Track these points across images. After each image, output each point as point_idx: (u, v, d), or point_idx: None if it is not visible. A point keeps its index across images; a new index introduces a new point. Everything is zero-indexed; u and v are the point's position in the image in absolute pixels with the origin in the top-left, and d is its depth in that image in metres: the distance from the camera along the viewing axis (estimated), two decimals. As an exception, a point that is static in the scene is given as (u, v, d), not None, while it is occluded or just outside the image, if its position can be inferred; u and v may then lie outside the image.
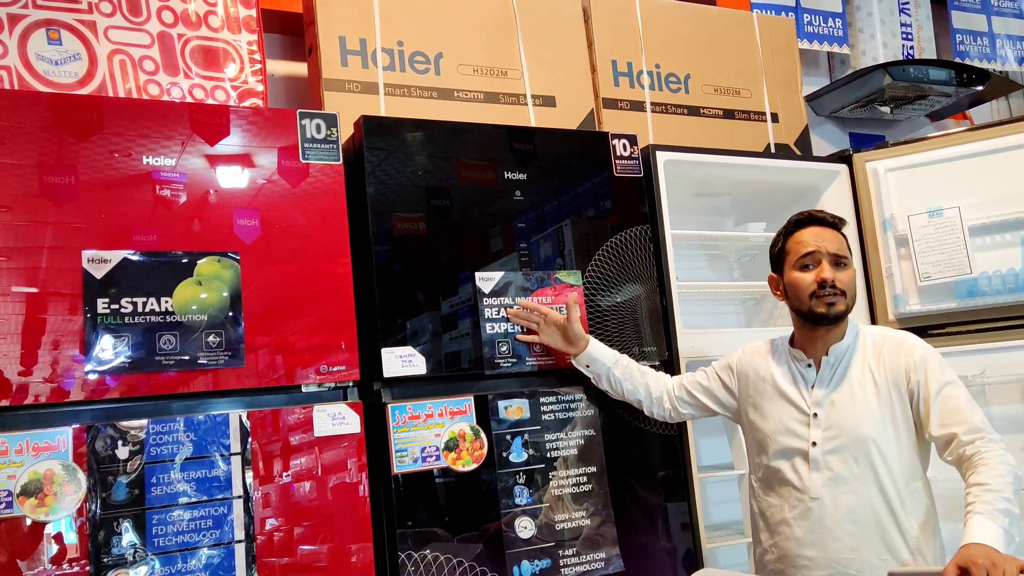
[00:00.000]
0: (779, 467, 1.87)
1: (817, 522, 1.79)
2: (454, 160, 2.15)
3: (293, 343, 1.90)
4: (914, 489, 1.79)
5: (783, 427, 1.87)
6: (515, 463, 2.08)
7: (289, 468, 1.84)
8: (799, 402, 1.87)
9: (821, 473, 1.80)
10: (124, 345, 1.74)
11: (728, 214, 3.19)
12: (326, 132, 2.01)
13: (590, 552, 2.12)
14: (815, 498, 1.80)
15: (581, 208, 2.30)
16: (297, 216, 1.94)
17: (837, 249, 1.85)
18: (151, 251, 1.79)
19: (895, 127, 4.06)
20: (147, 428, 1.73)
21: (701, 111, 2.97)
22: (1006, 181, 2.66)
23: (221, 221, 1.87)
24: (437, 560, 1.95)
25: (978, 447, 1.68)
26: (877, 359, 1.84)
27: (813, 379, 1.87)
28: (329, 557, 1.84)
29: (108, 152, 1.79)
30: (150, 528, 1.70)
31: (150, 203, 1.81)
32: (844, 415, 1.81)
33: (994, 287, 2.64)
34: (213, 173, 1.88)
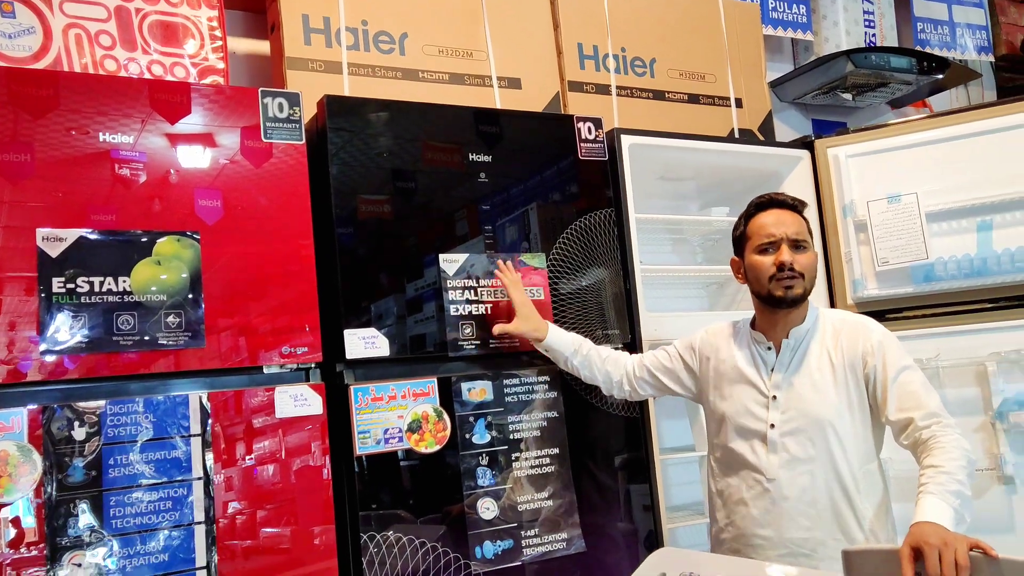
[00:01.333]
0: (738, 448, 1.89)
1: (773, 503, 1.82)
2: (419, 142, 2.14)
3: (255, 324, 1.88)
4: (868, 471, 1.83)
5: (743, 408, 1.89)
6: (478, 445, 2.09)
7: (250, 450, 1.83)
8: (759, 384, 1.89)
9: (779, 455, 1.83)
10: (81, 325, 1.71)
11: (692, 198, 3.21)
12: (288, 111, 1.98)
13: (552, 533, 2.13)
14: (772, 479, 1.83)
15: (546, 191, 2.30)
16: (260, 197, 1.92)
17: (796, 232, 1.86)
18: (109, 230, 1.76)
19: (857, 114, 4.11)
20: (105, 409, 1.71)
21: (666, 95, 2.98)
22: (964, 168, 2.71)
23: (182, 201, 1.84)
24: (399, 541, 1.95)
25: (934, 431, 1.71)
26: (835, 343, 1.86)
27: (773, 362, 1.89)
28: (291, 539, 1.83)
29: (65, 129, 1.75)
30: (108, 510, 1.68)
31: (108, 182, 1.78)
32: (802, 398, 1.83)
33: (949, 272, 2.69)
34: (173, 152, 1.85)
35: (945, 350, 2.69)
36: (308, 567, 1.84)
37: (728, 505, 1.92)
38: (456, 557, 2.01)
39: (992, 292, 2.66)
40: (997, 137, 2.69)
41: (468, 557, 2.02)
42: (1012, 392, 2.61)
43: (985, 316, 2.67)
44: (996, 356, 2.62)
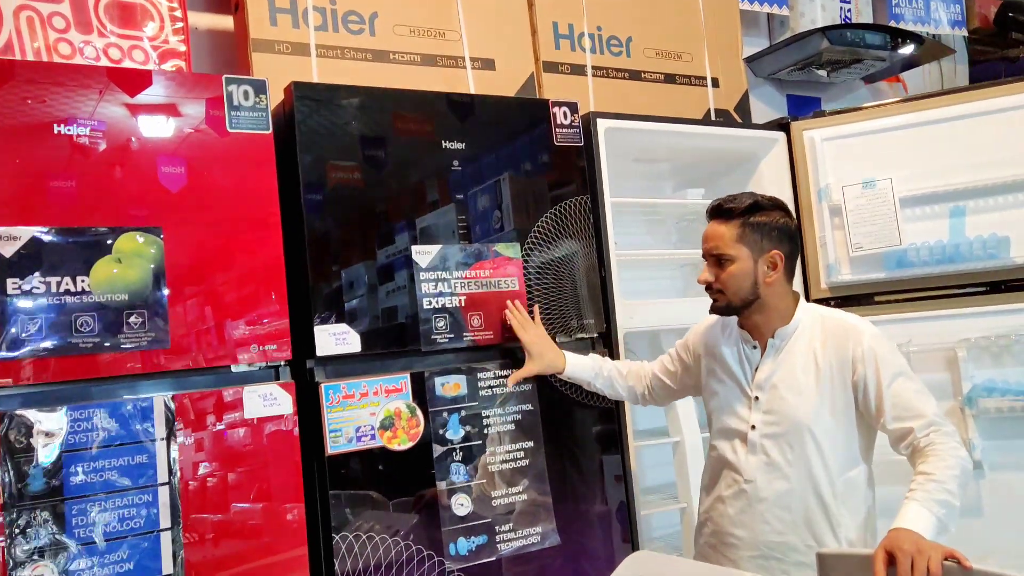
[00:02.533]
0: (720, 446, 1.89)
1: (749, 504, 1.82)
2: (389, 130, 2.07)
3: (221, 322, 1.82)
4: (849, 479, 1.80)
5: (727, 407, 1.89)
6: (452, 440, 2.06)
7: (218, 453, 1.78)
8: (743, 384, 1.87)
9: (757, 456, 1.82)
10: (38, 328, 1.64)
11: (667, 179, 3.18)
12: (255, 99, 1.90)
13: (527, 527, 2.12)
14: (749, 480, 1.82)
15: (521, 179, 2.24)
16: (225, 178, 1.84)
17: (714, 248, 1.82)
18: (66, 227, 1.68)
19: (831, 89, 4.08)
20: (65, 415, 1.65)
21: (642, 75, 2.92)
22: (938, 153, 2.70)
23: (144, 169, 1.76)
24: (372, 540, 1.92)
25: (932, 439, 1.67)
26: (823, 345, 1.81)
27: (757, 361, 1.87)
28: (262, 544, 1.80)
29: (20, 99, 1.66)
30: (70, 519, 1.63)
31: (67, 150, 1.69)
32: (783, 401, 1.81)
33: (922, 258, 2.69)
34: (134, 122, 1.76)
35: (916, 335, 2.70)
36: (279, 569, 1.81)
37: (709, 500, 1.93)
38: (430, 555, 1.99)
39: (963, 278, 2.67)
40: (972, 122, 2.68)
41: (441, 554, 2.00)
42: (981, 378, 2.63)
43: (956, 302, 2.68)
44: (966, 342, 2.64)
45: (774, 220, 1.83)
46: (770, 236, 1.82)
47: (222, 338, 1.82)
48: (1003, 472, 2.62)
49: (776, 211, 1.85)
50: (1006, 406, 2.58)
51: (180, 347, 1.77)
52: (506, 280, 2.18)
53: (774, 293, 1.83)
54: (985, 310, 2.63)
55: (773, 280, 1.82)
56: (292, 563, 1.83)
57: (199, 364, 1.79)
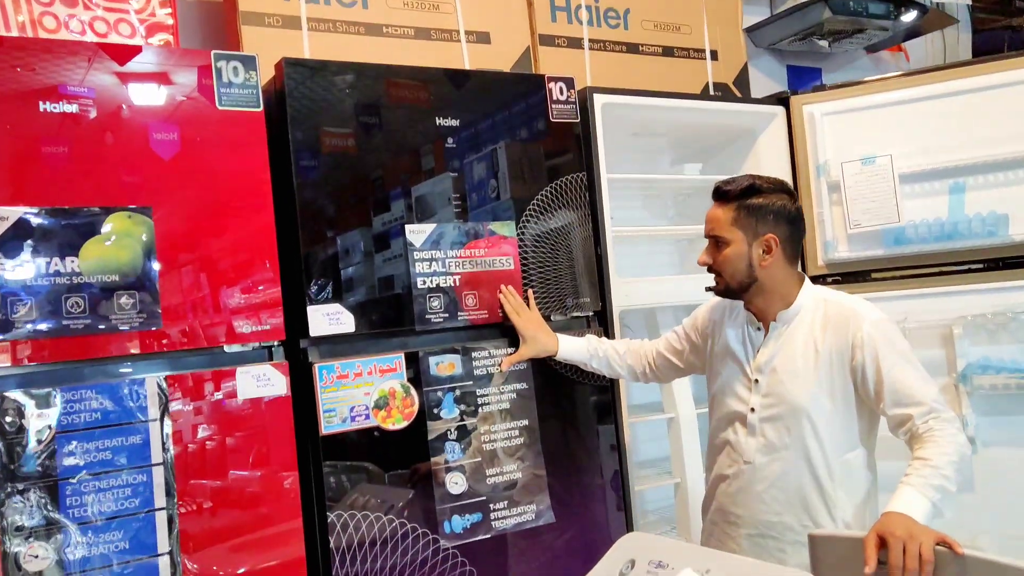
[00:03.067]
0: (722, 427, 1.91)
1: (748, 484, 1.84)
2: (383, 106, 2.04)
3: (214, 302, 1.81)
4: (846, 461, 1.80)
5: (729, 389, 1.90)
6: (446, 419, 2.06)
7: (212, 434, 1.78)
8: (745, 366, 1.88)
9: (756, 439, 1.83)
10: (29, 310, 1.62)
11: (664, 153, 3.15)
12: (244, 75, 1.87)
13: (521, 505, 2.13)
14: (748, 462, 1.84)
15: (516, 156, 2.22)
16: (216, 157, 1.82)
17: (713, 230, 1.84)
18: (54, 207, 1.66)
19: (832, 60, 4.03)
20: (57, 396, 1.64)
21: (640, 48, 2.88)
22: (939, 128, 2.67)
23: (136, 136, 1.75)
24: (367, 519, 1.93)
25: (931, 426, 1.67)
26: (823, 329, 1.80)
27: (760, 343, 1.86)
28: (256, 523, 1.80)
29: (10, 67, 1.64)
30: (64, 500, 1.63)
31: (57, 118, 1.67)
32: (782, 384, 1.81)
33: (920, 235, 2.67)
34: (124, 89, 1.73)
35: (913, 312, 2.70)
36: (275, 550, 1.82)
37: (712, 479, 1.96)
38: (424, 532, 2.00)
39: (961, 256, 2.66)
40: (974, 97, 2.65)
41: (436, 532, 2.01)
42: (976, 355, 2.63)
43: (953, 279, 2.67)
44: (963, 320, 2.63)
45: (771, 203, 1.81)
46: (765, 219, 1.80)
47: (215, 318, 1.80)
48: (996, 448, 2.63)
49: (775, 194, 1.82)
50: (1000, 383, 2.58)
51: (172, 328, 1.76)
52: (501, 259, 2.16)
53: (772, 276, 1.82)
54: (982, 287, 2.62)
55: (769, 263, 1.80)
56: (288, 536, 1.83)
57: (192, 345, 1.78)
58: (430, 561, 1.99)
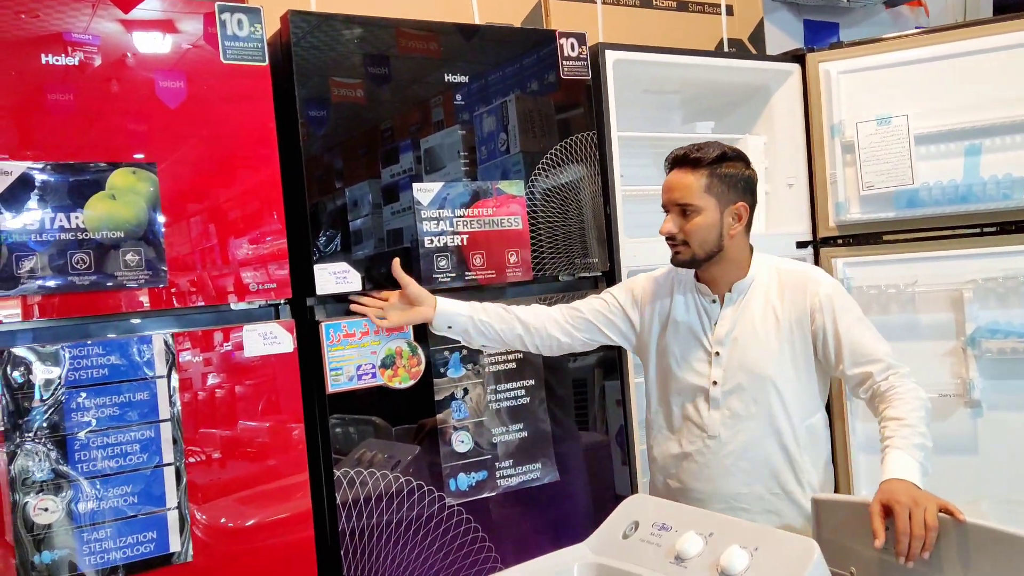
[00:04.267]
0: (681, 403, 1.85)
1: (714, 458, 1.80)
2: (391, 61, 2.00)
3: (220, 259, 1.80)
4: (810, 426, 1.81)
5: (686, 364, 1.84)
6: (453, 379, 2.07)
7: (219, 391, 1.79)
8: (702, 339, 1.83)
9: (720, 411, 1.80)
10: (33, 265, 1.62)
11: (676, 110, 3.10)
12: (249, 29, 1.84)
13: (526, 463, 2.15)
14: (713, 436, 1.80)
15: (526, 113, 2.18)
16: (221, 110, 1.80)
17: (682, 198, 1.76)
18: (58, 162, 1.65)
19: (850, 14, 3.94)
20: (64, 352, 1.65)
21: (654, 3, 2.82)
22: (957, 89, 2.62)
23: (141, 84, 1.72)
24: (373, 476, 1.95)
25: (892, 382, 1.69)
26: (780, 296, 1.79)
27: (717, 316, 1.83)
28: (263, 478, 1.82)
29: (14, 14, 1.62)
30: (72, 454, 1.64)
31: (62, 68, 1.65)
32: (745, 354, 1.78)
33: (934, 198, 2.64)
34: (130, 37, 1.71)
35: (923, 275, 2.68)
36: (281, 505, 1.84)
37: (667, 458, 1.88)
38: (430, 489, 2.02)
39: (975, 218, 2.62)
40: (994, 57, 2.58)
41: (442, 489, 2.03)
42: (985, 319, 2.62)
43: (966, 242, 2.65)
44: (973, 283, 2.61)
45: (739, 171, 1.78)
46: (736, 187, 1.77)
47: (221, 275, 1.80)
48: (1001, 411, 2.63)
49: (740, 162, 1.79)
50: (1009, 347, 2.57)
51: (178, 285, 1.76)
52: (509, 219, 2.14)
53: (735, 245, 1.79)
54: (994, 251, 2.60)
55: (736, 232, 1.78)
56: (295, 489, 1.86)
57: (198, 302, 1.78)
58: (435, 518, 2.02)
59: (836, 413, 2.77)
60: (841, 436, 2.76)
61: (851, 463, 2.75)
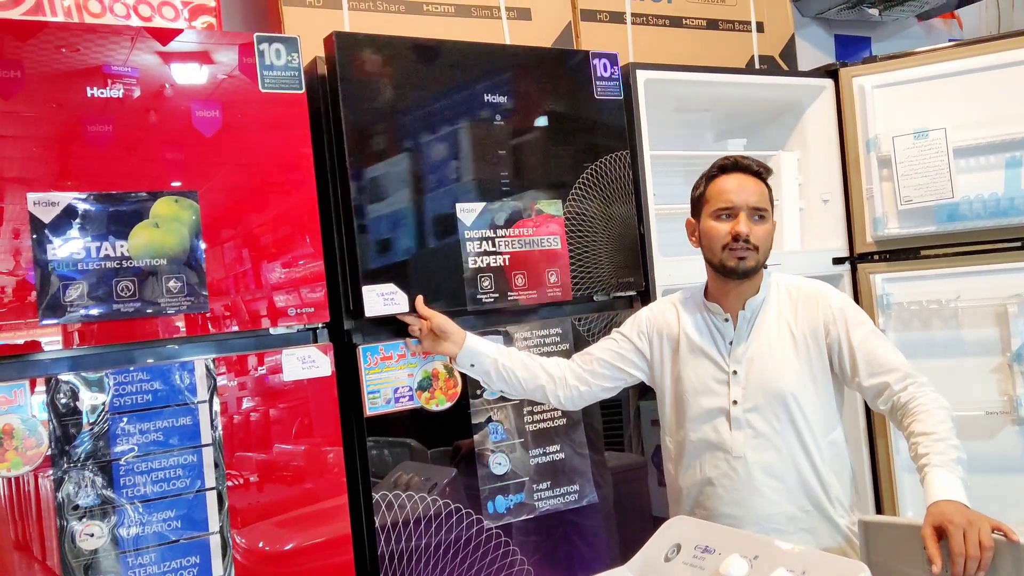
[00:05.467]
0: (699, 428, 1.82)
1: (741, 480, 1.77)
2: (430, 81, 2.02)
3: (259, 284, 1.82)
4: (831, 441, 1.79)
5: (702, 386, 1.82)
6: (489, 400, 2.06)
7: (259, 414, 1.81)
8: (717, 359, 1.82)
9: (743, 431, 1.77)
10: (80, 294, 1.65)
11: (708, 128, 3.09)
12: (287, 58, 1.87)
13: (564, 485, 2.13)
14: (738, 456, 1.77)
15: (562, 133, 2.19)
16: (259, 139, 1.82)
17: (757, 201, 1.76)
18: (102, 192, 1.68)
19: (882, 28, 3.92)
20: (110, 378, 1.67)
21: (683, 22, 2.82)
22: (995, 101, 2.58)
23: (178, 113, 1.76)
24: (412, 499, 1.95)
25: (912, 393, 1.66)
26: (794, 312, 1.80)
27: (731, 335, 1.81)
28: (303, 502, 1.83)
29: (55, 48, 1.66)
30: (117, 479, 1.66)
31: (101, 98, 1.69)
32: (764, 372, 1.76)
33: (975, 212, 2.60)
34: (168, 69, 1.75)
35: (965, 290, 2.63)
36: (321, 529, 1.84)
37: (693, 485, 1.85)
38: (468, 512, 2.01)
39: (1017, 232, 2.57)
40: (1033, 68, 2.55)
41: (480, 512, 2.02)
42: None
43: (1008, 256, 2.59)
44: (1018, 297, 2.56)
45: (772, 193, 1.84)
46: (774, 205, 1.83)
47: (260, 301, 1.82)
48: (1049, 429, 2.57)
49: None
50: (1057, 362, 2.52)
51: (219, 310, 1.78)
52: (548, 238, 2.15)
53: None
54: (1039, 265, 2.55)
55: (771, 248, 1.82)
56: (334, 513, 1.86)
57: (238, 327, 1.80)
58: (474, 540, 2.01)
59: (879, 432, 2.73)
60: (884, 455, 2.71)
61: (896, 483, 2.69)
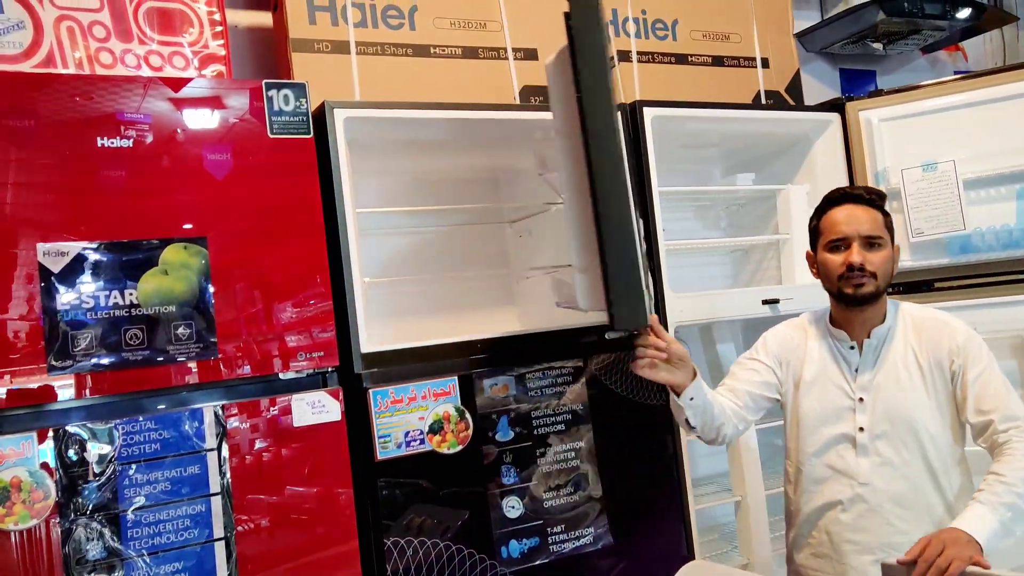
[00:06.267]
0: (825, 453, 1.82)
1: (867, 507, 1.77)
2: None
3: (268, 330, 1.82)
4: (958, 469, 1.79)
5: (828, 413, 1.82)
6: (501, 442, 2.04)
7: (268, 461, 1.79)
8: (844, 386, 1.82)
9: (870, 458, 1.77)
10: (88, 343, 1.65)
11: (716, 163, 3.10)
12: (295, 104, 1.88)
13: (579, 528, 2.10)
14: (864, 483, 1.77)
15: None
16: (268, 183, 1.83)
17: (870, 230, 1.77)
18: (112, 240, 1.68)
19: (886, 61, 3.93)
20: (117, 428, 1.66)
21: (689, 59, 2.83)
22: (1003, 132, 2.57)
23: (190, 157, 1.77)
24: (424, 545, 1.92)
25: (1010, 435, 1.65)
26: (919, 341, 1.80)
27: (857, 362, 1.82)
28: (313, 549, 1.80)
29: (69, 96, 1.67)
30: (125, 531, 1.64)
31: (112, 151, 1.70)
32: (891, 399, 1.77)
33: (987, 243, 2.58)
34: (179, 115, 1.75)
35: (980, 323, 2.57)
36: (333, 569, 1.81)
37: (814, 511, 1.84)
38: (482, 558, 1.98)
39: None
40: (1040, 98, 2.55)
41: (494, 557, 1.99)
42: (1051, 366, 2.52)
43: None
44: (1034, 329, 2.53)
45: (891, 218, 1.84)
46: (893, 231, 1.83)
47: (268, 346, 1.81)
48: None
49: None
50: (1078, 394, 2.47)
51: (227, 357, 1.77)
52: (553, 279, 2.14)
53: None
54: (1054, 296, 2.52)
55: (894, 273, 1.82)
56: (345, 559, 1.83)
57: (248, 373, 1.79)
58: (488, 587, 1.97)
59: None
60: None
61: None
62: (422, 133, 2.15)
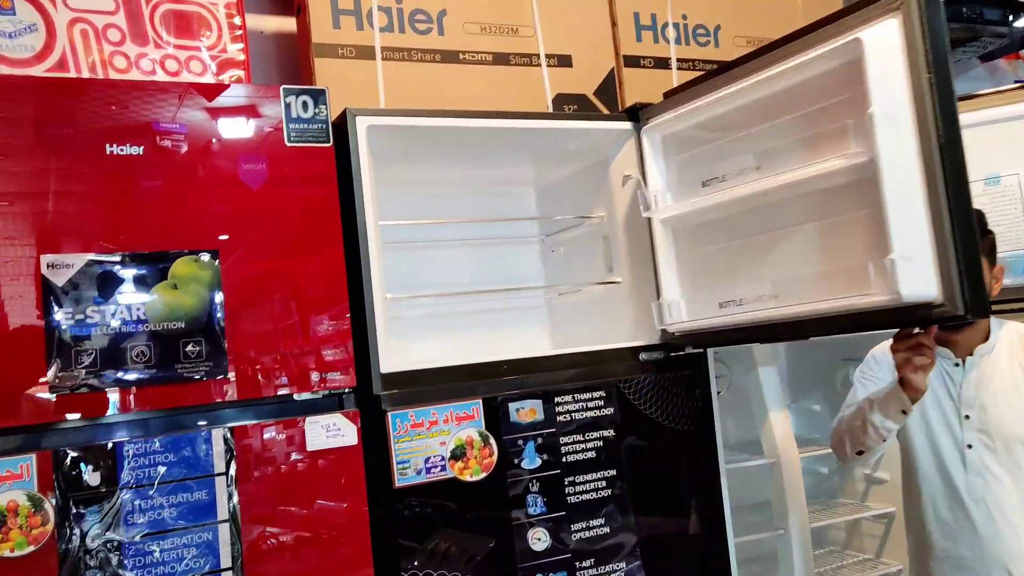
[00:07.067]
0: (935, 470, 1.87)
1: (976, 523, 1.81)
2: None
3: (281, 349, 1.72)
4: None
5: (936, 431, 1.86)
6: (528, 470, 1.92)
7: (280, 488, 1.69)
8: (948, 403, 1.86)
9: (979, 476, 1.81)
10: (92, 360, 1.56)
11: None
12: (314, 110, 1.79)
13: (610, 562, 1.97)
14: (974, 499, 1.81)
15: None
16: (283, 194, 1.74)
17: None
18: (119, 252, 1.60)
19: (942, 70, 3.76)
20: (121, 450, 1.57)
21: (733, 66, 2.69)
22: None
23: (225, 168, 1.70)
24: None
25: None
26: (1021, 357, 1.83)
27: (961, 379, 1.85)
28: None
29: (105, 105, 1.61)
30: (127, 560, 1.55)
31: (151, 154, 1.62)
32: (998, 417, 1.80)
33: (1054, 263, 2.40)
34: (214, 124, 1.67)
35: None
36: (345, 612, 1.71)
37: (923, 529, 1.91)
38: (505, 593, 1.85)
39: (1104, 284, 2.37)
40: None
41: (518, 592, 1.87)
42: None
43: (1096, 310, 2.38)
44: (1107, 356, 2.34)
45: (991, 238, 1.89)
46: (992, 251, 1.87)
47: (281, 365, 1.72)
48: None
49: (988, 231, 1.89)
50: None
51: (239, 376, 1.68)
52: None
53: None
54: None
55: (996, 293, 1.84)
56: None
57: (259, 394, 1.70)
58: (512, 624, 1.85)
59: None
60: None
61: None
62: (449, 142, 2.05)
